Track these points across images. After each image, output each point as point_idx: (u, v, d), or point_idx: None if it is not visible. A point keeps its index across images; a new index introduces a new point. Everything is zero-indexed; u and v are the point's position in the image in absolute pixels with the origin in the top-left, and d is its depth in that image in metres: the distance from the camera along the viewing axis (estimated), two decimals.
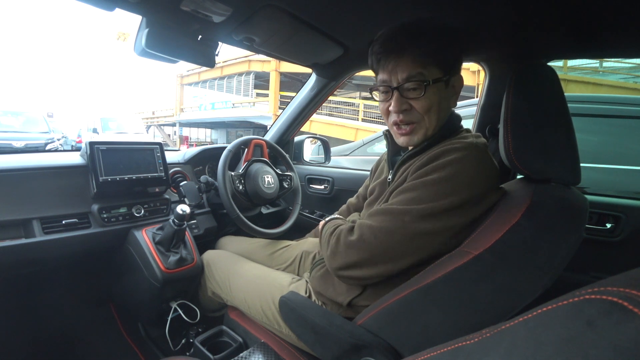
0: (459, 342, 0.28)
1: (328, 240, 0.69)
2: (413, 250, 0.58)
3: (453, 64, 0.64)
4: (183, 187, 1.11)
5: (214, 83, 15.61)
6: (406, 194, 0.60)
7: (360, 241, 0.61)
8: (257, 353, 0.75)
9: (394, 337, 0.57)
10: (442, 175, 0.57)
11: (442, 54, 0.61)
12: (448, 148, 0.59)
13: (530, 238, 0.50)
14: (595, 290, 0.21)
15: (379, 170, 0.84)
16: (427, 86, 0.61)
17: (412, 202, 0.58)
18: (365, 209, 0.79)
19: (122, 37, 14.47)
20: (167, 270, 0.93)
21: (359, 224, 0.64)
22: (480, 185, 0.57)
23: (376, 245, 0.59)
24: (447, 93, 0.65)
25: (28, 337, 1.10)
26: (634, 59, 4.89)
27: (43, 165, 0.92)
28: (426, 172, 0.59)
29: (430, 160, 0.60)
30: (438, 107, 0.63)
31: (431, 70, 0.61)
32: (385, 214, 0.61)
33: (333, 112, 10.76)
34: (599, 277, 0.60)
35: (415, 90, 0.62)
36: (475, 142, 0.61)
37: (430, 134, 0.65)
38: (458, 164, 0.57)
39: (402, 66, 0.61)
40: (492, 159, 0.61)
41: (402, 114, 0.64)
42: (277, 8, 0.75)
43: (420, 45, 0.60)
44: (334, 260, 0.65)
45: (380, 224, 0.60)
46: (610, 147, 1.62)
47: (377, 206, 0.69)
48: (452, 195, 0.56)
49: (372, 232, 0.60)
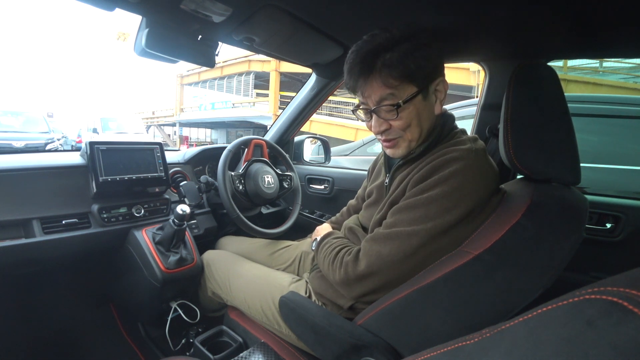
0: (459, 342, 0.28)
1: (332, 268, 0.68)
2: (424, 267, 0.58)
3: (429, 73, 0.61)
4: (183, 187, 1.11)
5: (214, 83, 15.61)
6: (410, 212, 0.59)
7: (371, 270, 0.61)
8: (257, 353, 0.75)
9: (394, 337, 0.57)
10: (446, 189, 0.56)
11: (411, 70, 0.58)
12: (447, 158, 0.58)
13: (530, 238, 0.50)
14: (595, 290, 0.21)
15: (376, 172, 0.84)
16: (399, 108, 0.60)
17: (419, 222, 0.57)
18: (364, 211, 0.80)
19: (122, 37, 14.46)
20: (167, 270, 0.93)
21: (366, 251, 0.62)
22: (483, 192, 0.57)
23: (389, 273, 0.60)
24: (428, 103, 0.63)
25: (28, 337, 1.10)
26: (634, 59, 4.89)
27: (43, 165, 0.92)
28: (428, 187, 0.58)
29: (431, 173, 0.59)
30: (417, 120, 0.63)
31: (403, 88, 0.60)
32: (392, 239, 0.60)
33: (333, 112, 10.76)
34: (599, 277, 0.60)
35: (390, 112, 0.62)
36: (474, 148, 0.60)
37: (415, 145, 0.66)
38: (460, 175, 0.56)
39: (372, 89, 0.61)
40: (491, 162, 0.61)
41: (383, 134, 0.65)
42: (277, 8, 0.75)
43: (386, 65, 0.58)
44: (350, 291, 0.65)
45: (389, 251, 0.59)
46: (610, 147, 1.62)
47: (377, 215, 0.69)
48: (458, 207, 0.56)
49: (382, 261, 0.60)
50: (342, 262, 0.66)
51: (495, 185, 0.61)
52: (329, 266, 0.69)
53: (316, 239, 0.82)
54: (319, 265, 0.76)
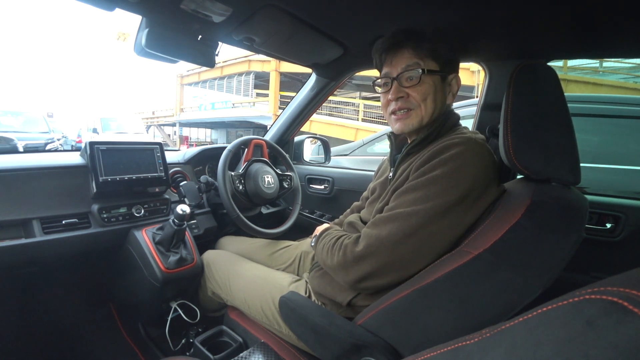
0: (459, 342, 0.28)
1: (330, 252, 0.69)
2: (424, 254, 0.59)
3: (449, 62, 0.69)
4: (183, 187, 1.11)
5: (214, 83, 15.61)
6: (411, 194, 0.60)
7: (369, 252, 0.61)
8: (257, 353, 0.75)
9: (394, 337, 0.57)
10: (446, 170, 0.58)
11: (437, 49, 0.66)
12: (448, 143, 0.60)
13: (530, 238, 0.50)
14: (595, 290, 0.21)
15: (382, 171, 0.84)
16: (423, 75, 0.65)
17: (418, 202, 0.58)
18: (367, 208, 0.80)
19: (122, 37, 14.46)
20: (167, 270, 0.93)
21: (365, 234, 0.64)
22: (481, 178, 0.58)
23: (387, 254, 0.59)
24: (443, 87, 0.69)
25: (28, 337, 1.10)
26: (634, 59, 4.89)
27: (43, 165, 0.92)
28: (430, 169, 0.60)
29: (432, 157, 0.61)
30: (434, 96, 0.67)
31: (427, 62, 0.66)
32: (391, 220, 0.60)
33: (333, 112, 10.75)
34: (599, 277, 0.60)
35: (412, 79, 0.67)
36: (474, 137, 0.62)
37: (425, 122, 0.68)
38: (459, 158, 0.58)
39: (400, 58, 0.68)
40: (491, 153, 0.62)
41: (399, 101, 0.68)
42: (277, 8, 0.75)
43: (417, 40, 0.66)
44: (346, 274, 0.64)
45: (388, 231, 0.60)
46: (610, 147, 1.62)
47: (378, 204, 0.69)
48: (456, 187, 0.57)
49: (381, 242, 0.60)
50: (341, 246, 0.67)
51: (494, 175, 0.61)
52: (328, 252, 0.69)
53: (316, 234, 0.82)
54: (317, 256, 0.75)
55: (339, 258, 0.65)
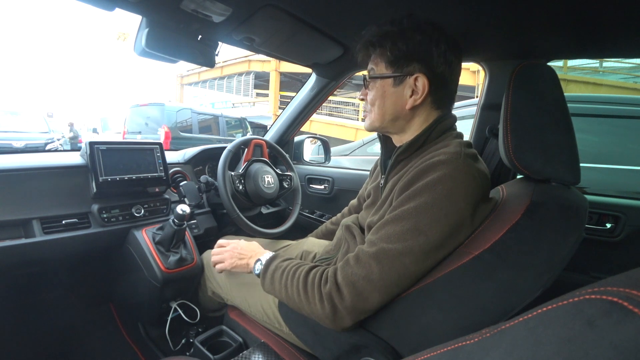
0: (459, 342, 0.28)
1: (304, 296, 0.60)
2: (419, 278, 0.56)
3: (405, 63, 0.62)
4: (183, 187, 1.11)
5: (214, 83, 15.58)
6: (398, 224, 0.55)
7: (362, 298, 0.56)
8: (257, 353, 0.75)
9: (394, 337, 0.57)
10: (435, 196, 0.53)
11: (390, 52, 0.64)
12: (434, 162, 0.56)
13: (530, 238, 0.50)
14: (595, 290, 0.21)
15: (376, 173, 0.84)
16: (366, 81, 0.68)
17: (408, 236, 0.54)
18: (363, 212, 0.79)
19: (122, 37, 14.46)
20: (167, 270, 0.93)
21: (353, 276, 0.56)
22: (473, 200, 0.55)
23: (382, 295, 0.55)
24: (398, 92, 0.64)
25: (28, 337, 1.10)
26: (634, 59, 4.89)
27: (43, 165, 0.92)
28: (415, 194, 0.55)
29: (417, 178, 0.56)
30: (382, 102, 0.66)
31: (379, 67, 0.66)
32: (382, 259, 0.55)
33: (333, 112, 10.75)
34: (599, 277, 0.60)
35: (367, 84, 0.69)
36: (462, 152, 0.57)
37: (378, 126, 0.69)
38: (448, 181, 0.54)
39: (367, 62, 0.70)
40: (481, 168, 0.58)
41: (362, 102, 0.71)
42: (277, 8, 0.75)
43: (375, 44, 0.65)
44: (340, 323, 0.57)
45: (379, 274, 0.55)
46: (610, 147, 1.63)
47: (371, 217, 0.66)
48: (448, 217, 0.53)
49: (373, 286, 0.55)
50: (321, 293, 0.58)
51: (485, 191, 0.58)
52: (300, 293, 0.61)
53: (259, 259, 0.75)
54: (278, 295, 0.67)
55: (326, 312, 0.57)
